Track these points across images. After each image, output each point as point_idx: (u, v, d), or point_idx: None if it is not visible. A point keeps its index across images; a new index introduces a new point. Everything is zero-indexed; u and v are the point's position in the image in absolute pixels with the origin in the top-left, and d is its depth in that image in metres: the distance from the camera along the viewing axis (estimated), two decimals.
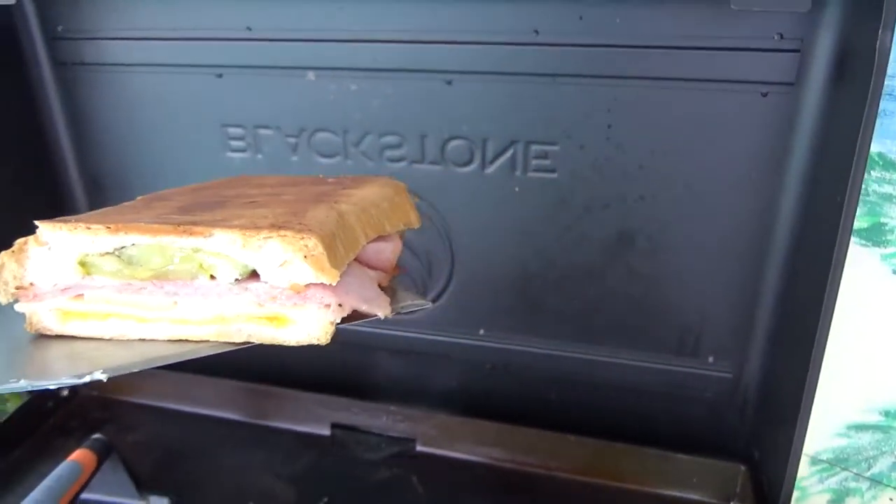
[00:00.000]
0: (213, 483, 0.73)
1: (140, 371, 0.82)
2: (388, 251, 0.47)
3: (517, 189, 0.70)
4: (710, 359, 0.71)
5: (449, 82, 0.67)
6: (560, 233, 0.71)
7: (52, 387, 0.35)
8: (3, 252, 0.39)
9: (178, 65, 0.74)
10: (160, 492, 0.69)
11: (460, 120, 0.68)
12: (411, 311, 0.46)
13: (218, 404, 0.82)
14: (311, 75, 0.71)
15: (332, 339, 0.40)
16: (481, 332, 0.78)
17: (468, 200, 0.72)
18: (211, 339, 0.39)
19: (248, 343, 0.39)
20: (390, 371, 0.83)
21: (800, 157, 0.60)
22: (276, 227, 0.37)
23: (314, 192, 0.47)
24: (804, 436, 0.59)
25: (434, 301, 0.78)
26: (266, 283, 0.38)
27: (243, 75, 0.72)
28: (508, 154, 0.68)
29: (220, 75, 0.73)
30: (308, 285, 0.37)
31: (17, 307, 0.40)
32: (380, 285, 0.45)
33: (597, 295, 0.73)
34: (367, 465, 0.76)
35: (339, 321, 0.39)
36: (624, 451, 0.72)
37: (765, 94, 0.59)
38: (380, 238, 0.46)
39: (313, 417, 0.80)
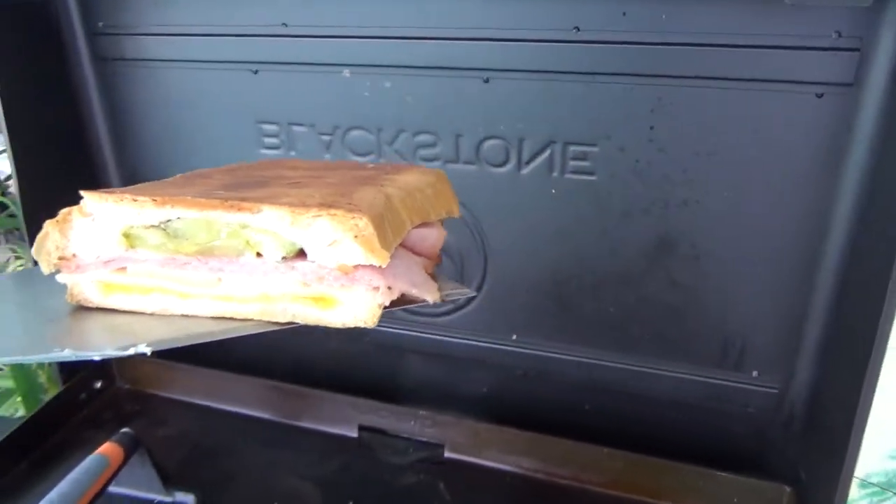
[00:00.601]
0: (239, 481, 0.72)
1: (172, 365, 0.83)
2: (433, 238, 0.46)
3: (554, 191, 0.68)
4: (755, 372, 0.68)
5: (486, 80, 0.65)
6: (597, 237, 0.68)
7: (95, 357, 0.34)
8: (47, 221, 0.39)
9: (214, 61, 0.74)
10: (186, 488, 0.69)
11: (497, 119, 0.66)
12: (455, 299, 0.45)
13: (248, 402, 0.82)
14: (346, 72, 0.70)
15: (363, 337, 0.38)
16: (514, 337, 0.76)
17: (503, 202, 0.70)
18: (254, 318, 0.38)
19: (293, 323, 0.38)
20: (420, 374, 0.82)
21: (857, 161, 0.56)
22: (325, 205, 0.36)
23: (356, 175, 0.46)
24: (856, 458, 0.55)
25: (466, 305, 0.76)
26: (313, 262, 0.37)
27: (279, 72, 0.72)
28: (545, 155, 0.66)
29: (255, 72, 0.73)
30: (356, 266, 0.36)
31: (59, 278, 0.40)
32: (426, 272, 0.44)
33: (635, 302, 0.70)
34: (393, 469, 0.75)
35: (387, 304, 0.37)
36: (660, 466, 0.69)
37: (820, 96, 0.56)
38: (423, 224, 0.45)
39: (341, 419, 0.79)
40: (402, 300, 0.39)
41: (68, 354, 0.34)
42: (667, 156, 0.63)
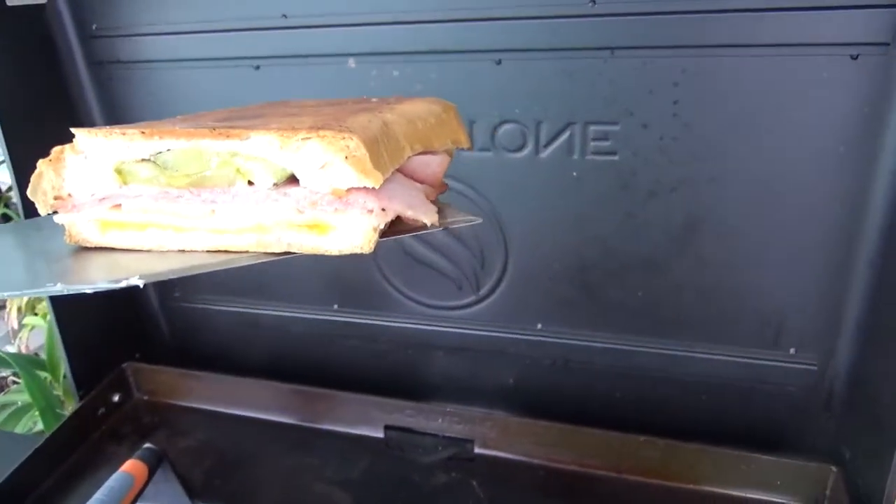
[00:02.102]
0: (265, 490, 0.70)
1: (190, 373, 0.81)
2: (435, 164, 0.44)
3: (575, 174, 0.65)
4: (792, 350, 0.66)
5: (498, 62, 0.62)
6: (622, 219, 0.66)
7: (87, 290, 0.34)
8: (40, 161, 0.38)
9: (214, 58, 0.71)
10: (212, 499, 0.67)
11: (511, 102, 0.64)
12: (459, 226, 0.43)
13: (269, 407, 0.80)
14: (350, 62, 0.67)
15: (383, 335, 0.36)
16: (539, 326, 0.74)
17: (522, 188, 0.67)
18: (251, 250, 0.38)
19: (289, 253, 0.37)
20: (445, 370, 0.79)
21: None
22: (315, 128, 0.35)
23: (357, 107, 0.44)
24: None
25: (488, 296, 0.74)
26: (306, 188, 0.36)
27: (281, 66, 0.69)
28: (564, 136, 0.64)
29: (257, 67, 0.70)
30: (350, 190, 0.35)
31: (57, 218, 0.40)
32: (426, 198, 0.43)
33: (664, 285, 0.67)
34: (423, 469, 0.73)
35: (382, 227, 0.36)
36: (699, 451, 0.67)
37: (855, 57, 0.53)
38: (426, 152, 0.43)
39: (366, 420, 0.77)
40: (401, 227, 0.39)
41: (60, 289, 0.35)
42: (692, 131, 0.60)
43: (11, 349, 1.40)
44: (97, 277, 0.36)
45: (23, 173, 0.70)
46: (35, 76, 0.73)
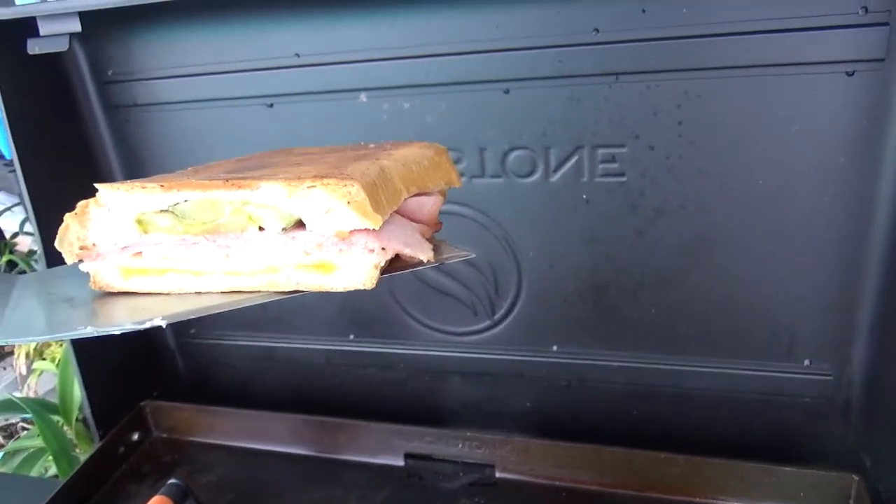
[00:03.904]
0: None
1: (208, 409, 0.81)
2: (430, 204, 0.47)
3: (584, 196, 0.67)
4: (807, 361, 0.67)
5: (506, 91, 0.65)
6: (633, 239, 0.67)
7: (116, 332, 0.37)
8: (67, 214, 0.41)
9: (228, 98, 0.73)
10: None
11: (520, 129, 0.66)
12: (453, 261, 0.46)
13: (288, 440, 0.80)
14: (362, 97, 0.69)
15: (399, 363, 0.37)
16: (554, 348, 0.75)
17: (533, 212, 0.69)
18: (262, 290, 0.41)
19: (298, 291, 0.40)
20: (462, 395, 0.80)
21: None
22: (319, 177, 0.38)
23: (356, 153, 0.48)
24: None
25: (503, 320, 0.75)
26: (312, 231, 0.39)
27: (294, 103, 0.71)
28: (573, 160, 0.65)
29: (270, 105, 0.72)
30: (352, 231, 0.38)
31: (82, 267, 0.42)
32: (422, 236, 0.46)
33: (677, 301, 0.69)
34: (445, 496, 0.73)
35: (383, 264, 0.39)
36: (720, 466, 0.67)
37: (851, 74, 0.55)
38: (421, 193, 0.47)
39: (386, 448, 0.77)
40: (400, 264, 0.41)
41: (90, 331, 0.37)
42: (698, 150, 0.62)
43: (19, 395, 1.39)
44: (123, 320, 0.39)
45: (42, 216, 0.71)
46: (53, 121, 0.75)
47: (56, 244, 0.41)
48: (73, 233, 0.42)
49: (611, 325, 0.72)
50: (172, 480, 0.67)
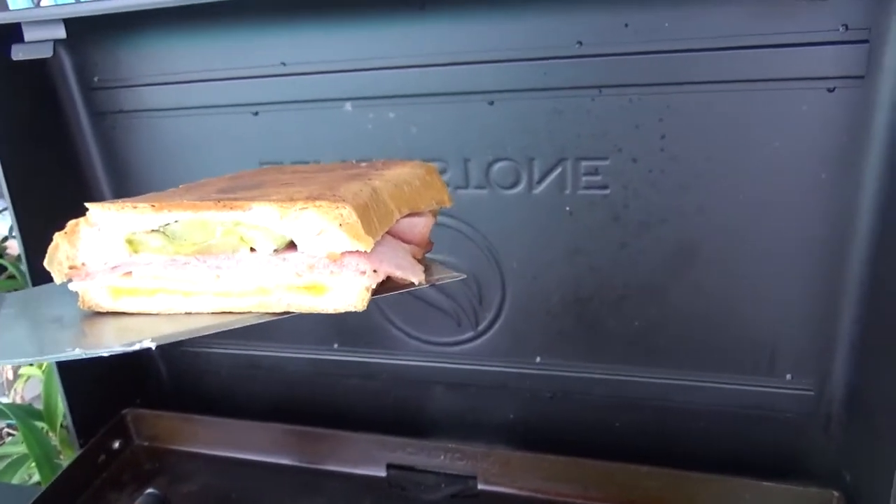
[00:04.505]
0: None
1: (190, 418, 0.81)
2: (421, 225, 0.48)
3: (568, 208, 0.67)
4: (788, 376, 0.67)
5: (490, 103, 0.65)
6: (616, 251, 0.67)
7: (104, 354, 0.37)
8: (56, 234, 0.41)
9: (214, 106, 0.73)
10: None
11: (504, 140, 0.66)
12: (444, 282, 0.46)
13: (270, 449, 0.80)
14: (347, 106, 0.69)
15: (382, 374, 0.37)
16: (538, 359, 0.75)
17: (517, 223, 0.69)
18: (253, 311, 0.41)
19: (289, 313, 0.40)
20: (445, 406, 0.80)
21: (876, 153, 0.55)
22: (311, 198, 0.38)
23: (347, 173, 0.48)
24: None
25: (486, 331, 0.75)
26: (303, 252, 0.39)
27: (280, 111, 0.71)
28: (557, 172, 0.66)
29: (256, 113, 0.72)
30: (344, 253, 0.38)
31: (71, 286, 0.42)
32: (414, 258, 0.46)
33: (659, 314, 0.69)
34: None
35: (374, 286, 0.39)
36: (701, 480, 0.67)
37: (831, 90, 0.56)
38: (413, 214, 0.47)
39: (368, 459, 0.77)
40: (391, 285, 0.41)
41: (79, 353, 0.37)
42: (680, 163, 0.62)
43: (5, 400, 1.38)
44: (111, 341, 0.39)
45: (26, 223, 0.71)
46: (38, 127, 0.75)
47: (45, 264, 0.41)
48: (62, 252, 0.41)
49: (594, 337, 0.72)
50: (150, 490, 0.66)
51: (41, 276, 0.71)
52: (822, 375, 0.65)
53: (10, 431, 1.33)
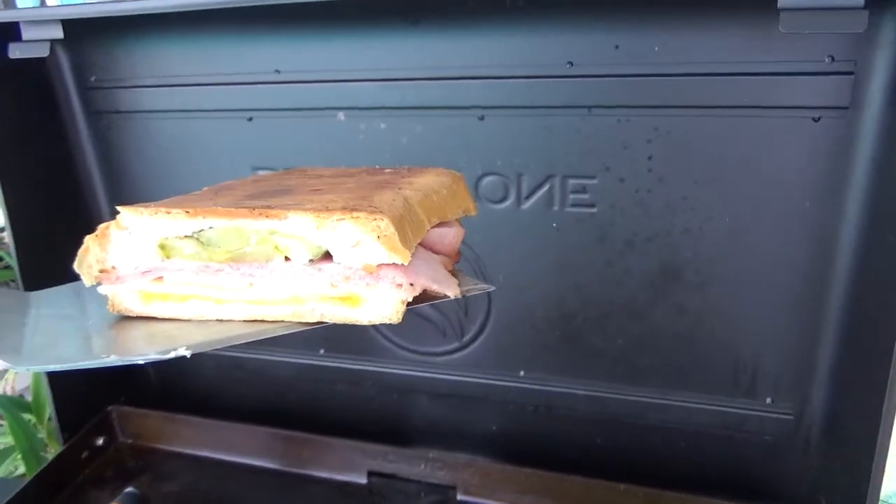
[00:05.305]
0: None
1: (175, 417, 0.81)
2: (451, 236, 0.47)
3: (555, 225, 0.67)
4: (768, 399, 0.67)
5: (481, 118, 0.65)
6: (601, 269, 0.68)
7: (140, 362, 0.37)
8: (87, 236, 0.40)
9: (208, 110, 0.74)
10: None
11: (493, 155, 0.66)
12: (475, 294, 0.46)
13: (253, 452, 0.80)
14: (340, 116, 0.70)
15: (367, 380, 0.38)
16: (522, 373, 0.75)
17: (504, 238, 0.69)
18: (286, 320, 0.40)
19: (322, 323, 0.40)
20: (428, 415, 0.80)
21: (858, 183, 0.56)
22: (348, 209, 0.38)
23: (375, 180, 0.48)
24: (881, 480, 0.54)
25: (471, 342, 0.75)
26: (339, 263, 0.39)
27: (273, 118, 0.72)
28: (545, 189, 0.66)
29: (250, 119, 0.72)
30: (380, 265, 0.38)
31: (101, 289, 0.42)
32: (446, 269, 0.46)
33: (642, 332, 0.69)
34: None
35: (410, 300, 0.39)
36: (677, 499, 0.67)
37: (817, 120, 0.56)
38: (441, 224, 0.46)
39: (349, 465, 0.77)
40: (425, 296, 0.41)
41: (114, 360, 0.37)
42: (667, 185, 0.62)
43: None
44: (145, 348, 0.38)
45: (20, 220, 0.71)
46: (34, 125, 0.75)
47: (75, 266, 0.41)
48: (92, 255, 0.41)
49: (577, 353, 0.72)
50: (130, 489, 0.67)
51: (32, 274, 0.72)
52: (801, 400, 0.66)
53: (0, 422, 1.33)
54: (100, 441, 0.83)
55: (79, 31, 0.66)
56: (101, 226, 0.41)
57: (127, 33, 0.73)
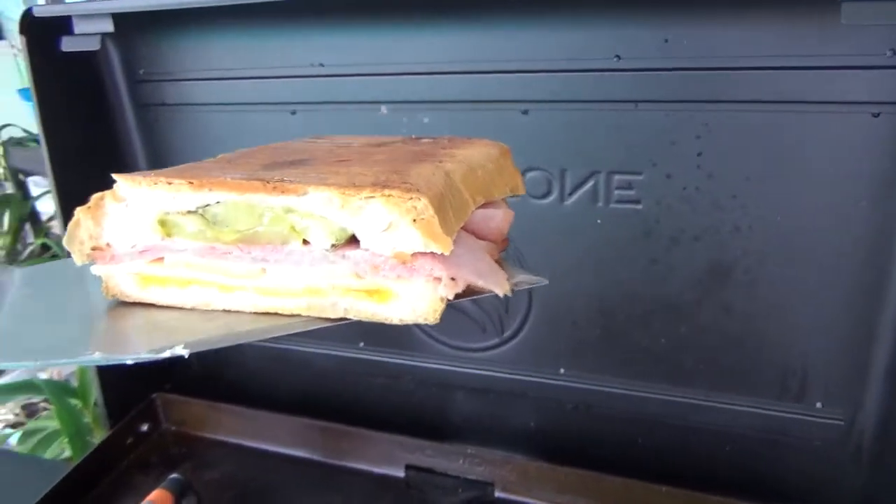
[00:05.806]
0: None
1: (218, 406, 0.82)
2: (499, 218, 0.40)
3: (599, 221, 0.66)
4: (819, 403, 0.65)
5: (525, 112, 0.65)
6: (646, 266, 0.66)
7: (128, 362, 0.32)
8: (78, 208, 0.36)
9: (253, 103, 0.74)
10: None
11: (537, 151, 0.66)
12: (523, 288, 0.39)
13: (294, 442, 0.81)
14: (383, 109, 0.69)
15: (406, 375, 0.36)
16: (562, 371, 0.74)
17: (547, 233, 0.68)
18: (303, 314, 0.35)
19: (345, 319, 0.34)
20: (467, 411, 0.80)
21: None
22: (379, 185, 0.32)
23: (411, 151, 0.41)
24: None
25: (511, 339, 0.75)
26: (367, 250, 0.33)
27: (316, 111, 0.72)
28: (589, 185, 0.65)
29: (293, 112, 0.73)
30: (415, 254, 0.32)
31: (94, 269, 0.37)
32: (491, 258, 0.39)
33: (687, 332, 0.68)
34: None
35: (451, 298, 0.33)
36: None
37: (876, 115, 0.54)
38: (487, 204, 0.40)
39: (388, 458, 0.77)
40: (466, 291, 0.34)
41: (98, 359, 0.32)
42: (716, 181, 0.61)
43: (44, 375, 1.43)
44: (137, 343, 0.34)
45: (70, 209, 0.73)
46: (84, 116, 0.77)
47: (65, 242, 0.36)
48: (84, 229, 0.36)
49: (619, 351, 0.71)
50: (174, 475, 0.68)
51: None
52: (853, 405, 0.64)
53: (46, 406, 1.37)
54: (144, 427, 0.84)
55: (128, 25, 0.67)
56: (95, 196, 0.36)
57: (174, 27, 0.74)
